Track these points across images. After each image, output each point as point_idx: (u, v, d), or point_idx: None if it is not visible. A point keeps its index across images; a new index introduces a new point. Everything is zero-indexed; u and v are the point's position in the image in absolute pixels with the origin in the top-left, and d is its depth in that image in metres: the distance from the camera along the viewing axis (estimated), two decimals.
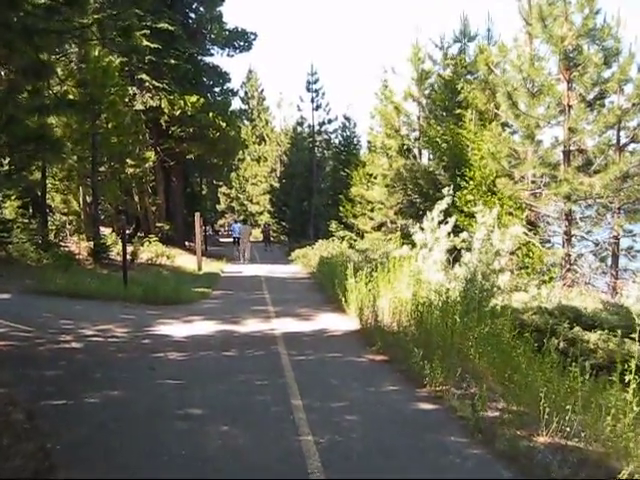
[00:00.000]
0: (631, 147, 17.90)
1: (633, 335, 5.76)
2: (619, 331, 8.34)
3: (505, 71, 19.53)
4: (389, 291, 11.83)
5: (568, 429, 5.73)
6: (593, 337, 9.62)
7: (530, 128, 17.83)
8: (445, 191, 14.27)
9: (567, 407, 5.89)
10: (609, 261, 18.80)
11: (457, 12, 62.48)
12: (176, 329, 11.56)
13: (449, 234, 13.61)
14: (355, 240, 32.08)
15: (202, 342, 10.41)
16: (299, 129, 53.14)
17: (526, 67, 17.66)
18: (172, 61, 30.14)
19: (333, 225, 36.71)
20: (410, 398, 7.21)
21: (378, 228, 32.19)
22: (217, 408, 6.67)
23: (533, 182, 18.68)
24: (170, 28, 29.52)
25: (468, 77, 26.79)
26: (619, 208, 17.68)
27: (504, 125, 21.64)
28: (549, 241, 20.02)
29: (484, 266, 11.66)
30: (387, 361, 9.09)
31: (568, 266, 17.50)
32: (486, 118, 22.15)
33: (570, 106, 17.35)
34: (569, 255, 17.62)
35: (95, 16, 9.93)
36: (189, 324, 12.26)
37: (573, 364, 6.69)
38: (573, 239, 18.18)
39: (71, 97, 13.24)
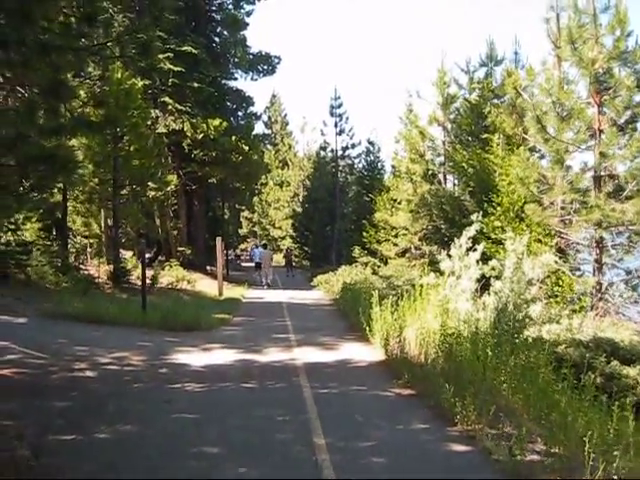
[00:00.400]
0: None
1: None
2: None
3: (533, 95, 19.11)
4: (416, 321, 11.37)
5: (615, 477, 5.27)
6: (632, 372, 9.16)
7: (560, 153, 17.36)
8: (474, 217, 13.84)
9: (615, 452, 5.41)
10: None
11: (483, 36, 62.29)
12: (194, 358, 11.16)
13: (478, 262, 13.16)
14: (379, 266, 31.64)
15: (221, 372, 10.01)
16: (322, 154, 53.00)
17: (555, 91, 17.26)
18: (195, 84, 29.94)
19: (356, 251, 36.32)
20: (441, 438, 6.74)
21: (402, 254, 31.71)
22: (235, 447, 6.25)
23: (563, 208, 18.16)
24: (194, 51, 29.37)
25: (495, 101, 26.36)
26: None
27: (532, 150, 21.19)
28: (579, 269, 19.49)
29: (516, 296, 11.18)
30: (415, 395, 8.62)
31: (599, 295, 16.96)
32: (514, 143, 21.69)
33: (601, 130, 16.89)
34: (600, 284, 17.08)
35: (113, 33, 9.74)
36: (208, 352, 11.88)
37: (616, 403, 6.29)
38: (604, 267, 17.66)
39: (92, 119, 12.90)
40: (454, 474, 5.77)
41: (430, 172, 29.62)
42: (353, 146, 49.99)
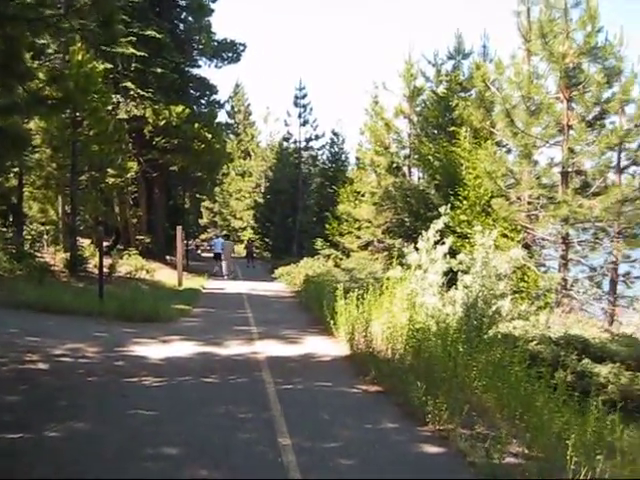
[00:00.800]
0: (631, 170, 17.42)
1: None
2: None
3: (502, 89, 18.94)
4: (382, 315, 11.06)
5: None
6: (604, 371, 8.97)
7: (528, 147, 17.24)
8: (442, 210, 13.64)
9: (597, 456, 5.15)
10: (604, 287, 18.24)
11: (451, 29, 62.33)
12: (153, 350, 10.72)
13: (445, 255, 12.94)
14: (341, 259, 31.39)
15: (180, 366, 9.59)
16: (285, 144, 52.42)
17: (525, 85, 17.09)
18: (159, 70, 29.34)
19: (318, 243, 35.91)
20: (412, 438, 6.43)
21: (365, 247, 31.43)
22: (195, 447, 5.86)
23: (529, 203, 18.04)
24: (158, 36, 28.76)
25: (462, 94, 26.23)
26: (618, 232, 17.11)
27: (498, 144, 21.07)
28: (544, 265, 19.41)
29: (486, 291, 10.95)
30: (382, 392, 8.30)
31: (564, 291, 16.89)
32: (481, 136, 21.51)
33: (570, 126, 16.81)
34: (565, 280, 17.01)
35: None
36: (167, 345, 11.44)
37: (593, 403, 6.09)
38: (569, 263, 17.61)
39: (50, 99, 12.32)
40: (428, 478, 5.47)
41: (395, 164, 29.36)
42: (317, 137, 49.55)
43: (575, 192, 16.65)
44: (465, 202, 20.10)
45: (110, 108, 26.61)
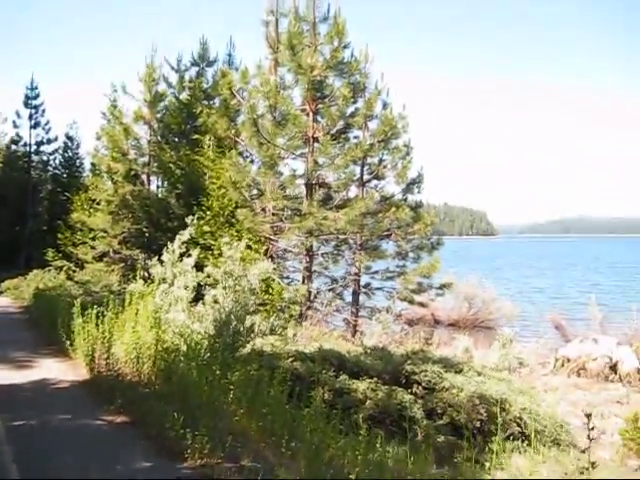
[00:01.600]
0: (373, 183, 17.96)
1: None
2: None
3: (247, 98, 18.76)
4: (125, 334, 10.12)
5: None
6: (362, 386, 8.76)
7: (273, 158, 17.19)
8: (188, 220, 13.04)
9: None
10: (346, 298, 18.65)
11: (196, 35, 61.92)
12: None
13: (192, 268, 12.31)
14: (74, 271, 29.57)
15: None
16: (14, 147, 48.81)
17: (272, 95, 17.02)
18: None
19: (50, 254, 33.61)
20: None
21: (100, 258, 29.87)
22: None
23: (274, 215, 17.94)
24: None
25: (206, 102, 25.79)
26: (360, 245, 17.53)
27: (242, 154, 20.86)
28: (287, 277, 19.44)
29: (239, 306, 10.43)
30: (130, 424, 7.38)
31: (308, 303, 16.96)
32: (226, 145, 21.16)
33: (315, 138, 17.01)
34: (310, 292, 17.11)
35: None
36: None
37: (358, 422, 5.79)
38: (313, 275, 17.77)
39: None
40: None
41: (133, 172, 28.27)
42: (49, 141, 46.49)
43: (319, 204, 16.81)
44: (209, 212, 19.54)
45: None
